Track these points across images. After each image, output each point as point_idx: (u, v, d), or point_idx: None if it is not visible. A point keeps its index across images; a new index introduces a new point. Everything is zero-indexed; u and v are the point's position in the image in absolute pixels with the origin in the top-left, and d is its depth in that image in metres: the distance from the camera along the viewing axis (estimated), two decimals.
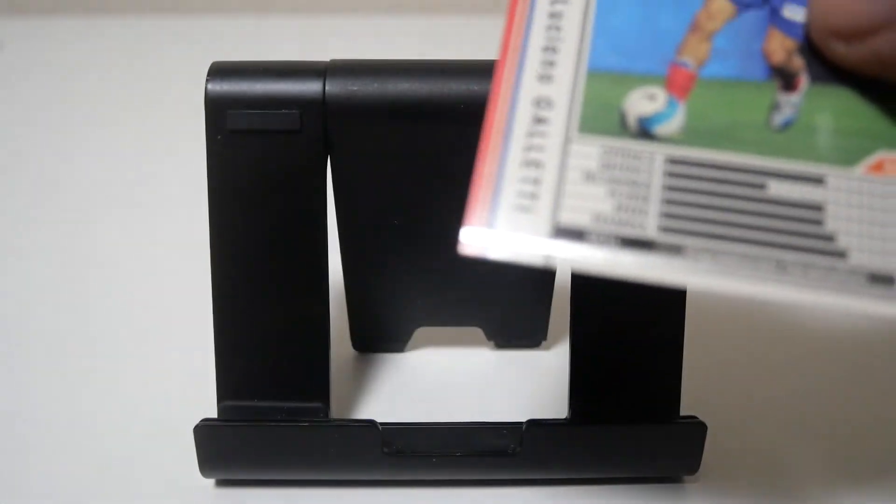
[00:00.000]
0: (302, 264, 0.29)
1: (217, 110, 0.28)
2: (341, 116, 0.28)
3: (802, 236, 0.19)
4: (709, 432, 0.29)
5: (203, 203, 0.29)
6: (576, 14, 0.21)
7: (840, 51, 0.20)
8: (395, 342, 0.37)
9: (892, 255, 0.19)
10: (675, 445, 0.29)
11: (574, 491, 0.30)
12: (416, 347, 0.37)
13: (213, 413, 0.30)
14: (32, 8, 0.85)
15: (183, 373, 0.35)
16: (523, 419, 0.29)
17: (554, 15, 0.21)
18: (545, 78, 0.21)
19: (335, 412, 0.31)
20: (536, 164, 0.20)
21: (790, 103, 0.20)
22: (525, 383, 0.35)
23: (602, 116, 0.20)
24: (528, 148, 0.20)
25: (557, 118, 0.20)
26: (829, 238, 0.19)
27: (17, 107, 0.65)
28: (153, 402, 0.34)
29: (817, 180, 0.20)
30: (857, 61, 0.20)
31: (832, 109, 0.20)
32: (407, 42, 0.74)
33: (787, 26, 0.21)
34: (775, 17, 0.21)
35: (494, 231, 0.19)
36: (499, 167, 0.20)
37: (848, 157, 0.20)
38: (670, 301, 0.30)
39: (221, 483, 0.30)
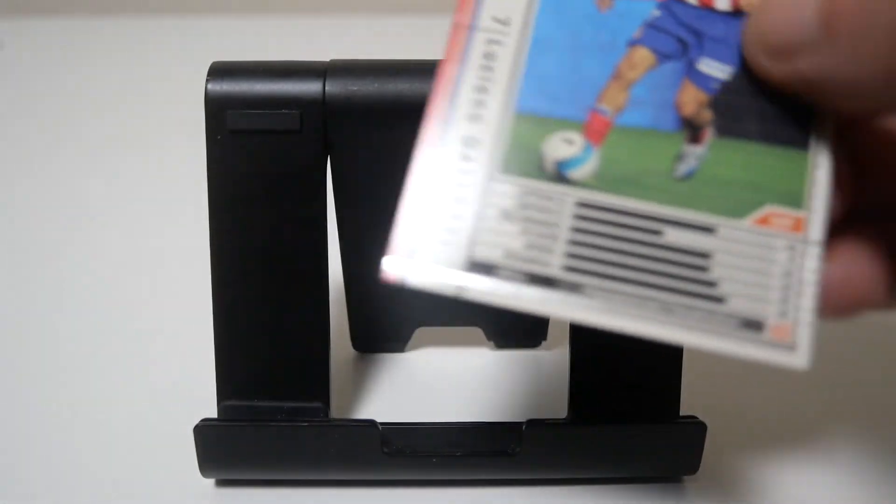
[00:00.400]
0: (302, 264, 0.29)
1: (217, 110, 0.28)
2: (341, 116, 0.28)
3: (688, 281, 0.21)
4: (709, 432, 0.29)
5: (203, 203, 0.29)
6: (508, 55, 0.22)
7: (767, 66, 0.21)
8: (395, 342, 0.37)
9: (765, 303, 0.20)
10: (675, 445, 0.29)
11: (574, 491, 0.30)
12: (416, 347, 0.37)
13: (213, 413, 0.30)
14: (32, 8, 0.85)
15: (183, 373, 0.35)
16: (523, 419, 0.29)
17: (488, 55, 0.22)
18: (475, 117, 0.22)
19: (335, 412, 0.31)
20: (459, 201, 0.21)
21: (694, 154, 0.22)
22: (525, 383, 0.35)
23: (523, 158, 0.22)
24: (453, 184, 0.21)
25: (482, 157, 0.21)
26: (713, 284, 0.21)
27: (17, 107, 0.65)
28: (153, 402, 0.34)
29: (709, 229, 0.21)
30: (782, 78, 0.21)
31: (731, 162, 0.21)
32: (407, 42, 0.74)
33: (700, 79, 0.22)
34: (691, 70, 0.22)
35: (414, 261, 0.21)
36: (425, 200, 0.21)
37: (738, 209, 0.21)
38: None
39: (221, 483, 0.30)
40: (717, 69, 0.22)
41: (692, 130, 0.22)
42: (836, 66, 0.19)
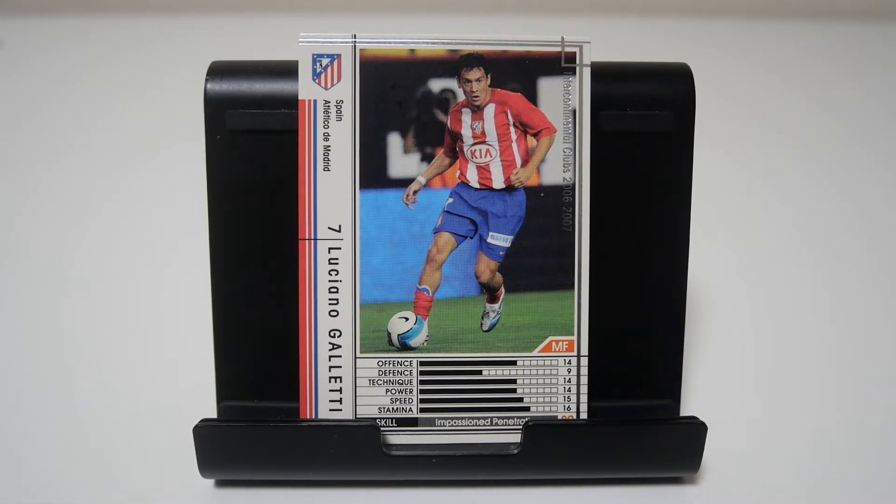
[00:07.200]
0: None
1: (216, 110, 0.28)
2: None
3: (503, 401, 0.29)
4: (709, 432, 0.29)
5: (202, 203, 0.29)
6: (347, 256, 0.28)
7: None
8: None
9: (555, 404, 0.29)
10: (675, 445, 0.29)
11: (574, 491, 0.30)
12: None
13: (213, 413, 0.30)
14: (32, 8, 0.85)
15: (183, 373, 0.35)
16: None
17: (332, 260, 0.28)
18: (333, 312, 0.28)
19: None
20: (337, 378, 0.29)
21: (494, 310, 0.29)
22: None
23: (375, 339, 0.29)
24: (330, 367, 0.29)
25: (346, 343, 0.29)
26: (519, 400, 0.29)
27: (17, 106, 0.65)
28: (153, 402, 0.34)
29: (511, 363, 0.29)
30: None
31: (520, 311, 0.29)
32: None
33: (489, 250, 0.29)
34: (483, 244, 0.29)
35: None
36: (314, 380, 0.29)
37: (529, 345, 0.29)
38: (671, 304, 0.30)
39: (221, 483, 0.30)
40: (501, 240, 0.29)
41: (490, 292, 0.29)
42: None
